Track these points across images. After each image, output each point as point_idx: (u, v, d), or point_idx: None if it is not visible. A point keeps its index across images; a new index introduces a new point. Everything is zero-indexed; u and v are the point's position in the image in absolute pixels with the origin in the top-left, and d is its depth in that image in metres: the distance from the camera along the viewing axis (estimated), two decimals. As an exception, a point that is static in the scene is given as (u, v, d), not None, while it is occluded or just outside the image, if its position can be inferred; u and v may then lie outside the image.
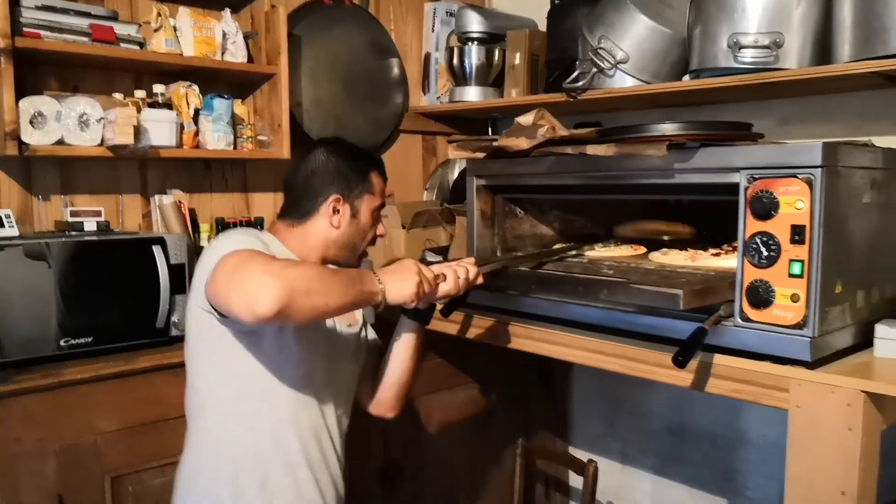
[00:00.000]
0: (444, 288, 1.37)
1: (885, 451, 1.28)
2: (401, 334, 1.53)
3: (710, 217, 1.87)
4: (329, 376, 1.47)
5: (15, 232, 1.77)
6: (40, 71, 1.93)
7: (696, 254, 1.63)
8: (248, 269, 1.13)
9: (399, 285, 1.26)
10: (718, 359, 1.39)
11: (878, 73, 1.60)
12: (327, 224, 1.47)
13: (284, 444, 1.38)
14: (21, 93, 1.77)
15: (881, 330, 1.37)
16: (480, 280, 1.44)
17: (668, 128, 1.38)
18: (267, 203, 2.38)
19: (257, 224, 2.25)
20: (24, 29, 1.78)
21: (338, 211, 1.47)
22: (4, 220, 1.75)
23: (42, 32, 1.81)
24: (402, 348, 1.53)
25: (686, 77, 1.91)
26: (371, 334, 1.65)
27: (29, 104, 1.78)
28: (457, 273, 1.38)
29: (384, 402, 1.60)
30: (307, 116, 2.40)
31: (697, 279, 1.40)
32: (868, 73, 1.60)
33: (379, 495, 2.23)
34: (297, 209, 1.49)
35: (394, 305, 1.28)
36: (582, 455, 2.46)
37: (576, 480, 2.72)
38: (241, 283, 1.11)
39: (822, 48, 1.71)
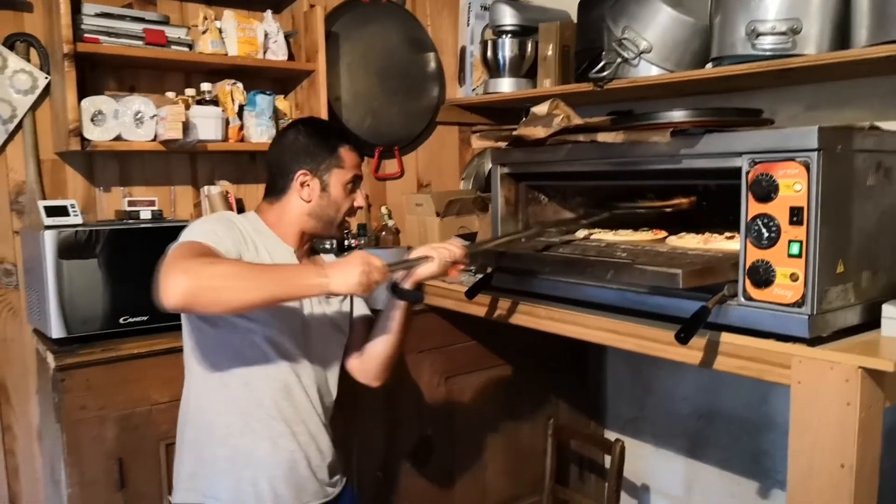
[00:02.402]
0: (428, 269, 1.51)
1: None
2: (388, 311, 1.63)
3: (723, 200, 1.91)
4: (303, 341, 1.57)
5: (79, 220, 1.93)
6: (99, 72, 2.10)
7: (710, 237, 1.68)
8: (170, 263, 1.28)
9: (343, 276, 1.32)
10: (725, 337, 1.44)
11: (895, 58, 1.62)
12: (298, 199, 1.56)
13: (257, 398, 1.50)
14: (83, 93, 1.94)
15: (888, 310, 1.40)
16: (465, 260, 1.57)
17: (673, 115, 1.43)
18: (309, 193, 2.52)
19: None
20: (85, 35, 1.95)
21: (306, 185, 1.56)
22: (70, 210, 1.92)
23: (101, 37, 1.98)
24: (388, 324, 1.63)
25: (708, 65, 1.95)
26: (359, 306, 1.75)
27: (90, 104, 1.95)
28: (441, 254, 1.51)
29: (369, 371, 1.69)
30: (346, 110, 2.52)
31: (701, 260, 1.46)
32: (885, 58, 1.62)
33: (410, 471, 2.34)
34: (274, 188, 1.59)
35: (343, 294, 1.38)
36: (615, 438, 2.52)
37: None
38: (163, 274, 1.26)
39: (842, 34, 1.72)
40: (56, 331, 1.80)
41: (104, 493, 1.78)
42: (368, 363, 1.69)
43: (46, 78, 2.01)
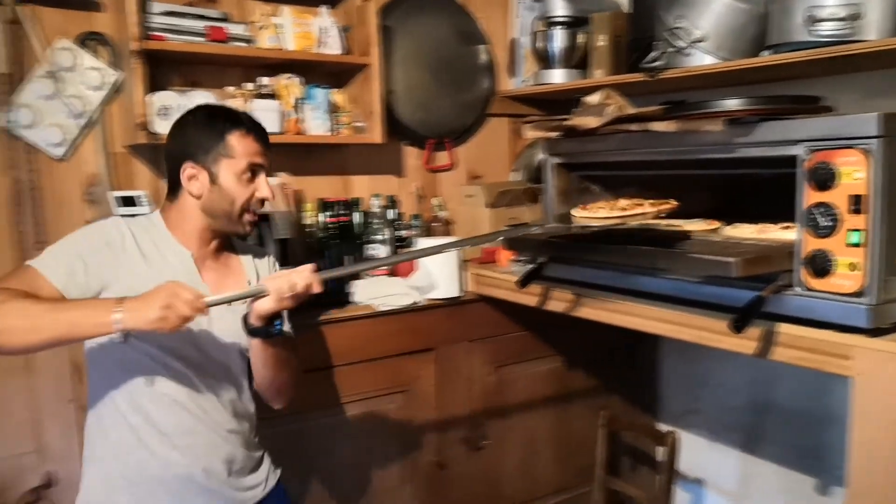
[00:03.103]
0: (264, 304, 1.35)
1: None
2: (252, 346, 1.50)
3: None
4: (196, 352, 1.47)
5: (148, 210, 2.02)
6: (164, 68, 2.18)
7: (766, 227, 1.66)
8: None
9: (139, 312, 1.22)
10: (782, 327, 1.43)
11: (960, 41, 1.57)
12: (189, 194, 1.46)
13: (145, 413, 1.43)
14: (150, 89, 2.03)
15: (952, 300, 1.37)
16: (317, 288, 1.37)
17: (728, 103, 1.43)
18: (363, 184, 2.57)
19: (354, 203, 2.42)
20: (151, 33, 2.03)
21: (194, 178, 1.45)
22: (136, 200, 2.01)
23: (166, 35, 2.06)
24: (255, 358, 1.52)
25: (764, 53, 1.92)
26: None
27: (156, 99, 2.04)
28: (277, 286, 1.34)
29: (264, 394, 1.61)
30: (399, 103, 2.56)
31: (756, 249, 1.45)
32: (950, 42, 1.57)
33: (463, 456, 2.37)
34: (170, 186, 1.50)
35: (146, 331, 1.23)
36: (668, 430, 2.51)
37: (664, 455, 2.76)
38: None
39: (906, 18, 1.68)
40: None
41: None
42: (260, 386, 1.59)
43: (115, 74, 2.10)
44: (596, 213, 1.64)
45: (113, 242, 1.43)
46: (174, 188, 1.49)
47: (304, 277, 1.34)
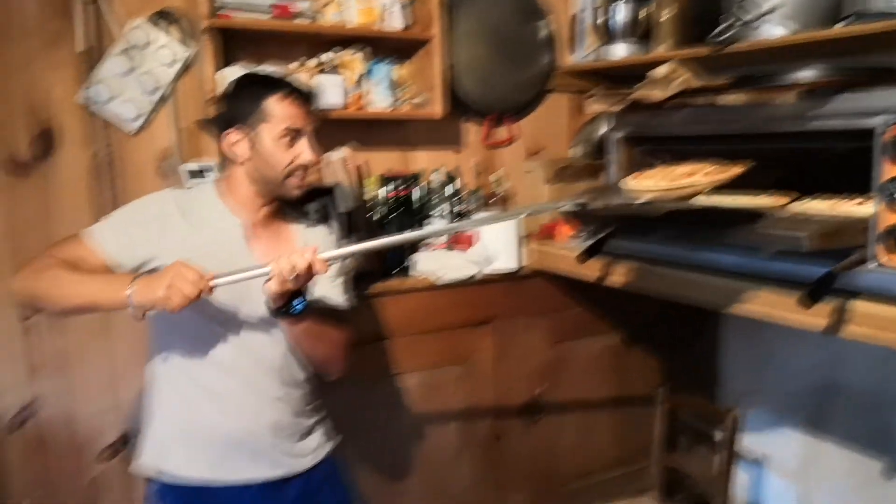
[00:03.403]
0: (270, 286, 1.35)
1: None
2: (282, 324, 1.50)
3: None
4: (242, 320, 1.50)
5: (215, 184, 2.08)
6: (232, 45, 2.23)
7: (838, 202, 1.62)
8: (32, 261, 1.42)
9: (146, 290, 1.29)
10: (853, 304, 1.40)
11: None
12: (234, 161, 1.49)
13: (192, 375, 1.50)
14: (219, 65, 2.08)
15: None
16: (320, 268, 1.34)
17: (804, 74, 1.39)
18: (423, 159, 2.59)
19: (415, 178, 2.45)
20: (218, 11, 2.08)
21: (237, 145, 1.47)
22: (205, 172, 2.09)
23: (233, 13, 2.11)
24: (287, 335, 1.53)
25: (838, 25, 1.85)
26: (319, 292, 1.53)
27: (226, 74, 2.09)
28: (287, 268, 1.31)
29: (312, 366, 1.62)
30: (459, 77, 2.56)
31: (828, 224, 1.42)
32: None
33: (519, 428, 2.40)
34: (221, 155, 1.52)
35: (151, 309, 1.31)
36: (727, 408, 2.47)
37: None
38: (26, 267, 1.41)
39: None
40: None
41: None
42: (303, 359, 1.60)
43: (186, 51, 2.16)
44: (643, 184, 1.51)
45: (160, 215, 1.48)
46: (223, 157, 1.52)
47: (305, 259, 1.32)
